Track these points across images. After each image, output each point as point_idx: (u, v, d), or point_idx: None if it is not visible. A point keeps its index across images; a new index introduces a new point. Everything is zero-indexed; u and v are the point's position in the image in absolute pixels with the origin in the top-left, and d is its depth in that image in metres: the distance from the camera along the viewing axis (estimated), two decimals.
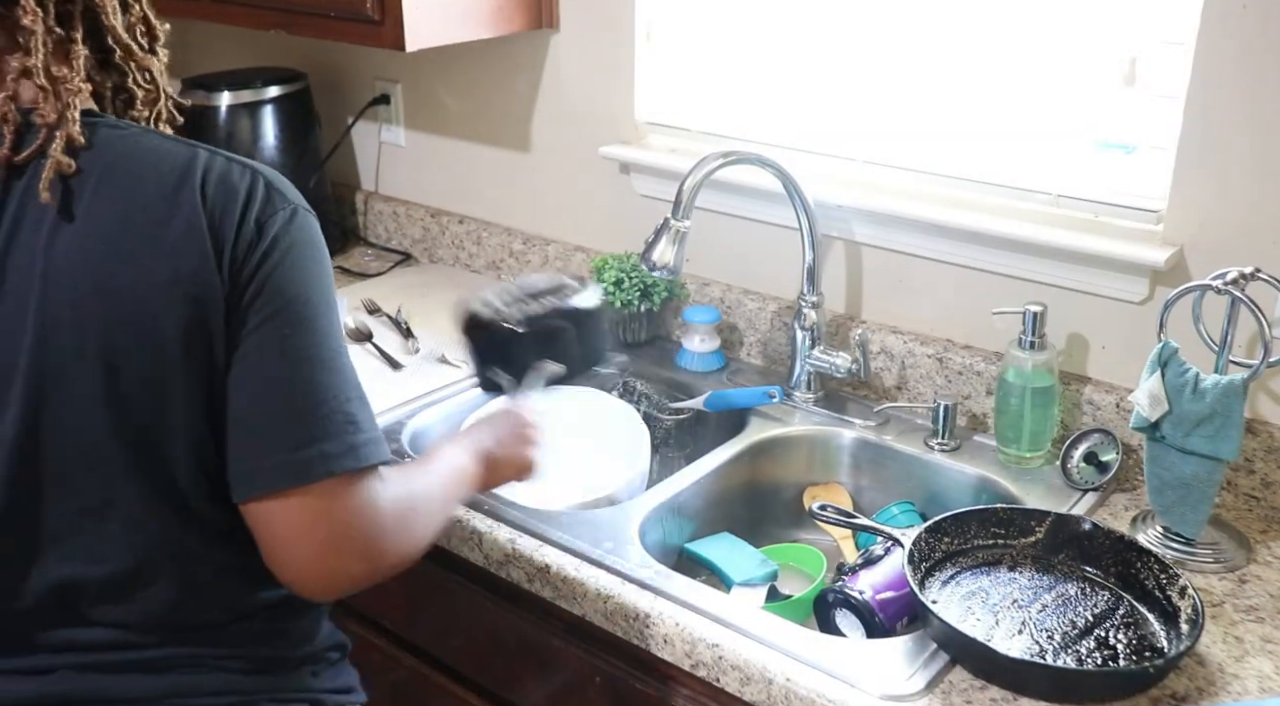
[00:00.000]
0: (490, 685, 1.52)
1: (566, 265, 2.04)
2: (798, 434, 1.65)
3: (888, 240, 1.68)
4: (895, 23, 1.65)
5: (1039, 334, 1.49)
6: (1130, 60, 1.48)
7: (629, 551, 1.36)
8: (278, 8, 1.87)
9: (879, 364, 1.70)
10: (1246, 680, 1.15)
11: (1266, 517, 1.43)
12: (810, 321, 1.68)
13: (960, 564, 1.31)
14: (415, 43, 1.76)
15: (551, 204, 2.08)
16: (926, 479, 1.57)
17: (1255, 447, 1.42)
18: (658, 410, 1.75)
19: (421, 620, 1.57)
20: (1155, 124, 1.46)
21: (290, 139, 2.24)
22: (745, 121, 1.81)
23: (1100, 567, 1.29)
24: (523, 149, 2.09)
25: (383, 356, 1.83)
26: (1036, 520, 1.33)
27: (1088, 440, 1.49)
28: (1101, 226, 1.50)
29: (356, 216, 2.42)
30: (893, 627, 1.26)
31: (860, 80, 1.70)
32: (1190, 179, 1.42)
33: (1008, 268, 1.58)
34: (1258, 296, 1.29)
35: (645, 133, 1.92)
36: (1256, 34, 1.32)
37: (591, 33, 1.92)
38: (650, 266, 1.54)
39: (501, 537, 1.39)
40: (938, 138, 1.64)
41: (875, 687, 1.13)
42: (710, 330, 1.82)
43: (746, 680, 1.18)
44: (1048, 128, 1.56)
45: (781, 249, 1.76)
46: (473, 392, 1.74)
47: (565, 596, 1.33)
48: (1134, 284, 1.48)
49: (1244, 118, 1.36)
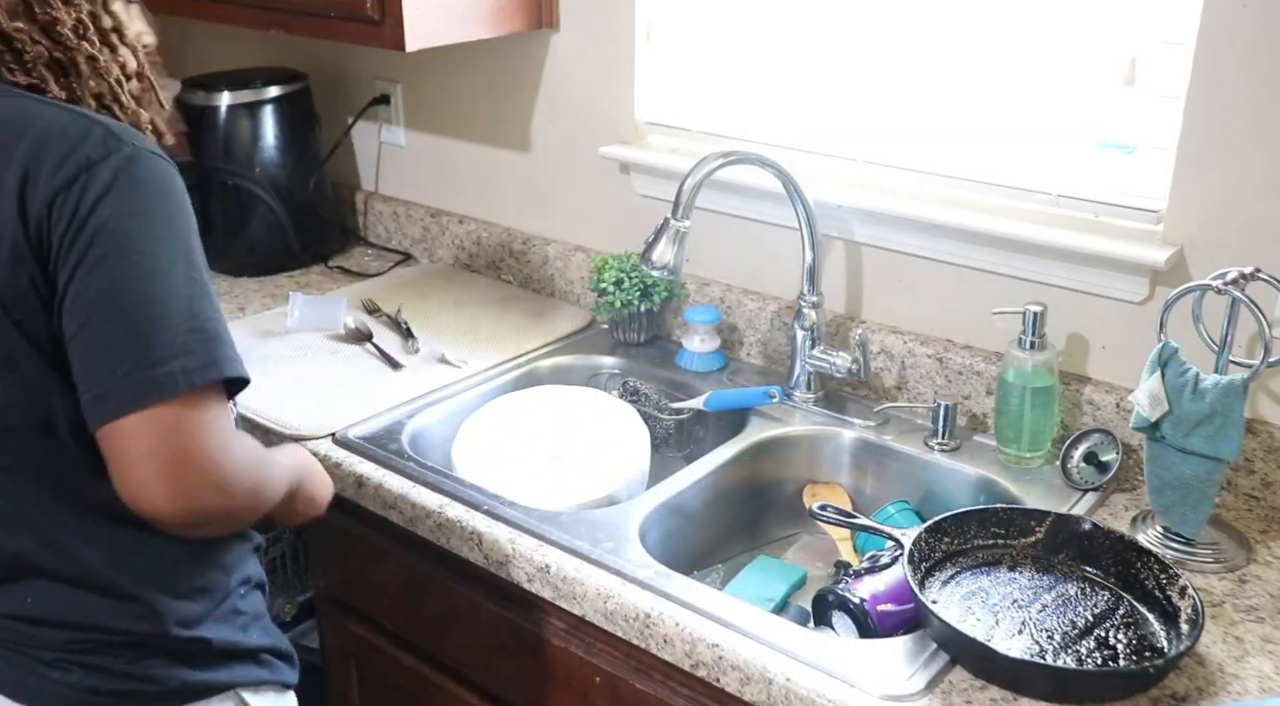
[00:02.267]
0: (490, 685, 1.52)
1: (566, 265, 2.04)
2: (798, 434, 1.65)
3: (888, 240, 1.68)
4: (895, 23, 1.65)
5: (1039, 334, 1.49)
6: (1130, 60, 1.48)
7: (629, 551, 1.36)
8: (278, 8, 1.86)
9: (879, 364, 1.70)
10: (1246, 680, 1.15)
11: (1266, 517, 1.43)
12: (810, 321, 1.68)
13: (960, 564, 1.31)
14: (415, 43, 1.76)
15: (551, 204, 2.08)
16: (926, 479, 1.57)
17: (1255, 447, 1.42)
18: (658, 410, 1.75)
19: (421, 620, 1.57)
20: (1155, 124, 1.46)
21: (290, 139, 2.24)
22: (745, 121, 1.81)
23: (1100, 567, 1.29)
24: (523, 149, 2.09)
25: (383, 356, 1.83)
26: (1036, 520, 1.33)
27: (1088, 440, 1.49)
28: (1101, 226, 1.50)
29: (356, 216, 2.42)
30: None
31: (860, 80, 1.70)
32: (1190, 179, 1.42)
33: (1008, 268, 1.58)
34: (1258, 296, 1.29)
35: (645, 133, 1.92)
36: (1256, 34, 1.32)
37: (591, 33, 1.92)
38: (650, 266, 1.54)
39: (501, 537, 1.39)
40: (937, 138, 1.64)
41: (875, 687, 1.13)
42: (710, 330, 1.82)
43: (746, 680, 1.18)
44: (1048, 128, 1.56)
45: (781, 249, 1.76)
46: (473, 392, 1.74)
47: (565, 596, 1.33)
48: (1134, 284, 1.48)
49: (1244, 118, 1.36)
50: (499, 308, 2.03)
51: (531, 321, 1.97)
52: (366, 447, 1.57)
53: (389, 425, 1.63)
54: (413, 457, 1.56)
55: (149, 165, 1.03)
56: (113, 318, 0.99)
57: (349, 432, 1.60)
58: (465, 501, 1.45)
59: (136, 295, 0.99)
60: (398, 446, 1.58)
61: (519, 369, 1.82)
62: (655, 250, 1.53)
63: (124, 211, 1.00)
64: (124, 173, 1.01)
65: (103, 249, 0.99)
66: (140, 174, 1.02)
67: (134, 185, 1.02)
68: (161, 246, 1.02)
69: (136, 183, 1.02)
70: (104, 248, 0.99)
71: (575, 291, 2.05)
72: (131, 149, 1.03)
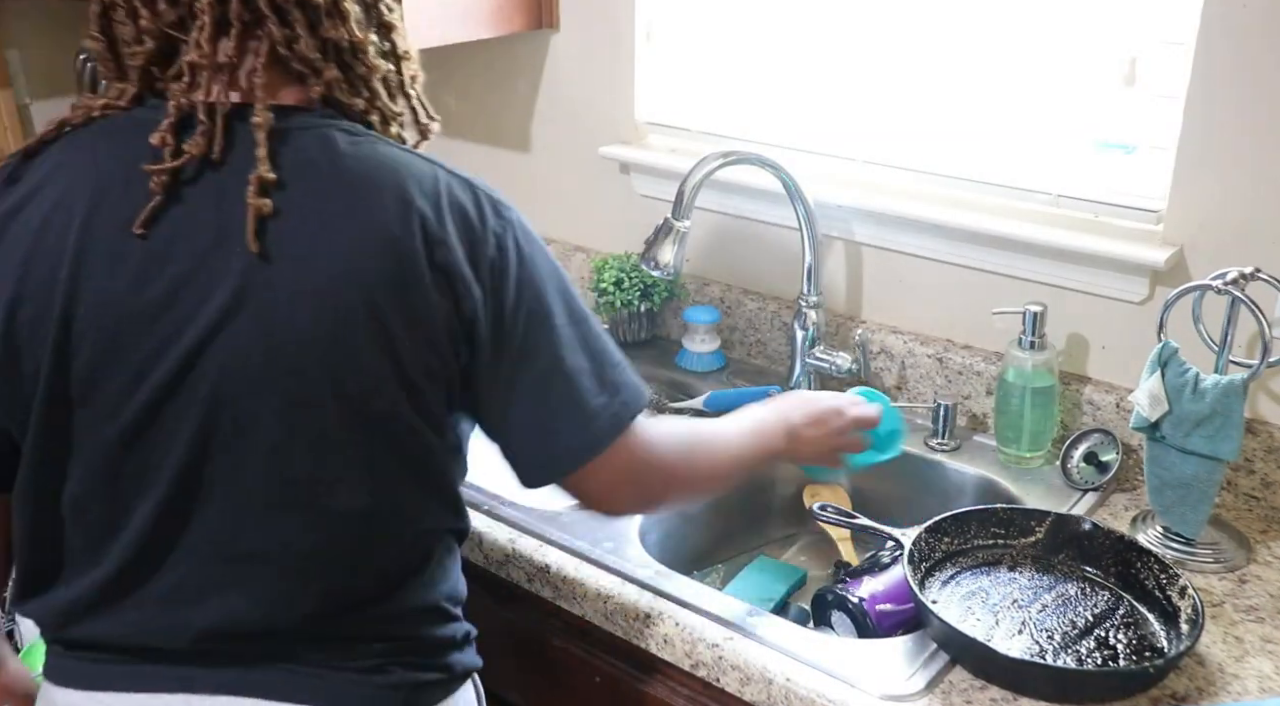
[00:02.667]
0: (490, 685, 1.52)
1: (566, 265, 2.04)
2: None
3: (888, 240, 1.68)
4: (895, 23, 1.65)
5: (1039, 334, 1.49)
6: (1130, 60, 1.48)
7: (629, 551, 1.36)
8: None
9: (879, 364, 1.70)
10: (1246, 680, 1.15)
11: (1266, 517, 1.43)
12: (810, 321, 1.68)
13: (960, 564, 1.31)
14: (415, 43, 1.75)
15: (551, 204, 2.08)
16: (926, 479, 1.57)
17: (1255, 447, 1.42)
18: (657, 410, 1.75)
19: None
20: (1155, 124, 1.46)
21: None
22: (745, 121, 1.81)
23: (1100, 567, 1.29)
24: (523, 149, 2.09)
25: None
26: (1036, 520, 1.33)
27: (1088, 440, 1.49)
28: (1101, 226, 1.50)
29: None
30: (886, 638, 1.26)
31: (860, 80, 1.70)
32: (1190, 179, 1.42)
33: (1008, 268, 1.58)
34: (1258, 296, 1.29)
35: (645, 133, 1.92)
36: (1256, 34, 1.32)
37: (591, 33, 1.92)
38: (650, 266, 1.54)
39: (501, 537, 1.39)
40: (938, 138, 1.64)
41: (875, 687, 1.13)
42: (710, 330, 1.82)
43: (746, 680, 1.18)
44: (1048, 128, 1.56)
45: (781, 249, 1.76)
46: None
47: (565, 596, 1.33)
48: (1134, 284, 1.48)
49: (1244, 118, 1.36)
50: None
51: None
52: None
53: None
54: None
55: (527, 227, 1.03)
56: (552, 388, 1.02)
57: None
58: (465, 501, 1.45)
59: (567, 367, 1.02)
60: None
61: None
62: (655, 250, 1.53)
63: (538, 285, 1.01)
64: (522, 245, 1.01)
65: (533, 328, 1.01)
66: (530, 242, 1.02)
67: (534, 256, 1.02)
68: (562, 302, 1.03)
69: (535, 252, 1.02)
70: (531, 324, 1.00)
71: None
72: (514, 214, 1.02)
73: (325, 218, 0.94)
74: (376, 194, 0.95)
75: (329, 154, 0.96)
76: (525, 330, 1.00)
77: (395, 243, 0.94)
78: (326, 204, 0.95)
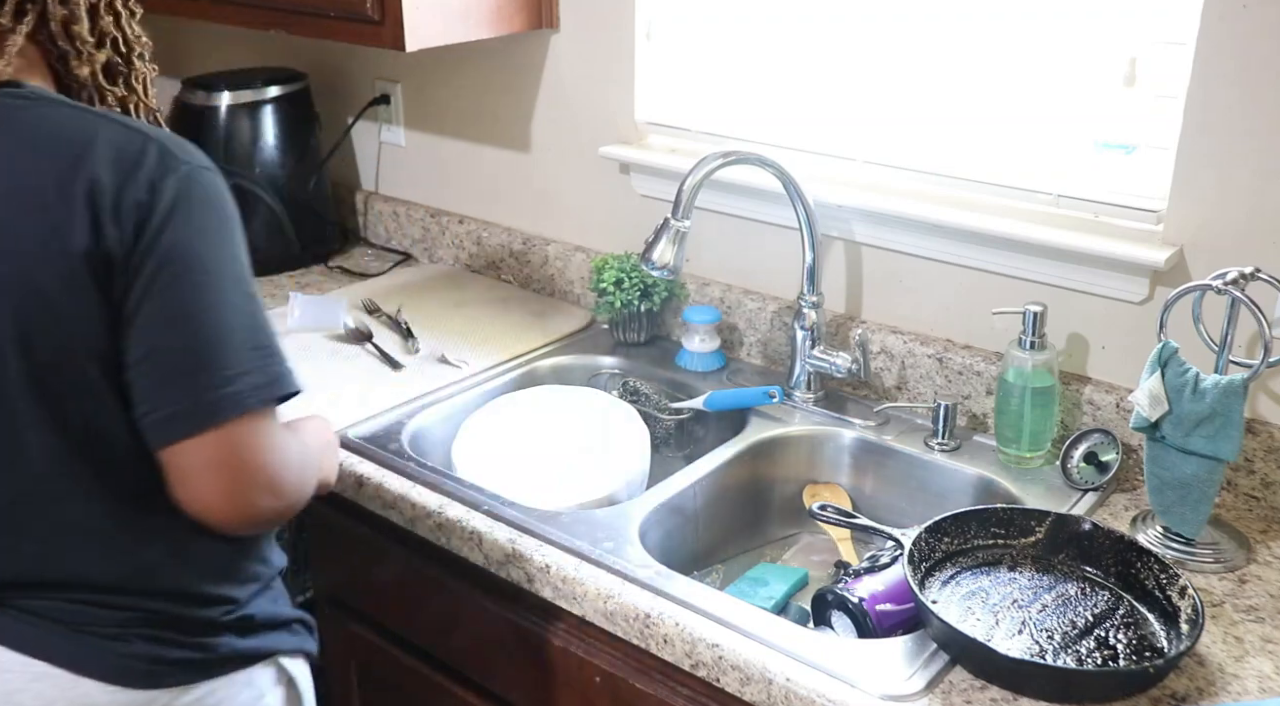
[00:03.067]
0: (490, 685, 1.52)
1: (566, 265, 2.04)
2: (798, 434, 1.65)
3: (888, 240, 1.68)
4: (895, 23, 1.65)
5: (1039, 334, 1.49)
6: (1130, 60, 1.48)
7: (629, 551, 1.36)
8: (278, 8, 1.86)
9: (879, 364, 1.70)
10: (1246, 680, 1.15)
11: (1266, 517, 1.43)
12: (810, 321, 1.68)
13: (960, 564, 1.31)
14: (415, 43, 1.76)
15: (551, 204, 2.08)
16: (926, 479, 1.57)
17: (1255, 447, 1.42)
18: (658, 410, 1.75)
19: (421, 620, 1.57)
20: (1155, 124, 1.46)
21: (290, 139, 2.24)
22: (745, 121, 1.81)
23: (1100, 567, 1.29)
24: (523, 149, 2.09)
25: (383, 356, 1.83)
26: (1036, 520, 1.33)
27: (1088, 440, 1.49)
28: (1101, 226, 1.50)
29: (356, 216, 2.42)
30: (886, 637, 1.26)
31: (860, 80, 1.70)
32: (1190, 179, 1.42)
33: (1008, 268, 1.58)
34: (1258, 296, 1.29)
35: (645, 133, 1.92)
36: (1256, 34, 1.32)
37: (591, 33, 1.92)
38: (650, 266, 1.54)
39: (501, 537, 1.39)
40: (938, 138, 1.64)
41: (875, 687, 1.13)
42: (710, 330, 1.82)
43: (746, 680, 1.18)
44: (1048, 128, 1.56)
45: (781, 249, 1.76)
46: (473, 392, 1.74)
47: (565, 596, 1.33)
48: (1134, 284, 1.48)
49: (1244, 118, 1.36)
50: (499, 308, 2.03)
51: (531, 321, 1.97)
52: (366, 447, 1.57)
53: (389, 425, 1.63)
54: (413, 457, 1.56)
55: (204, 182, 1.05)
56: (181, 340, 1.01)
57: (349, 432, 1.60)
58: (465, 501, 1.45)
59: (203, 317, 1.02)
60: (398, 446, 1.58)
61: (519, 369, 1.82)
62: (655, 250, 1.53)
63: (189, 233, 1.02)
64: (184, 193, 1.02)
65: (171, 272, 1.01)
66: (198, 192, 1.04)
67: (194, 205, 1.03)
68: (223, 264, 1.04)
69: (196, 202, 1.03)
70: (172, 270, 1.01)
71: (575, 291, 2.05)
72: (188, 167, 1.04)
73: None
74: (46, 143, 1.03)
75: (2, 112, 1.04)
76: (157, 273, 1.01)
77: (42, 175, 1.01)
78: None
